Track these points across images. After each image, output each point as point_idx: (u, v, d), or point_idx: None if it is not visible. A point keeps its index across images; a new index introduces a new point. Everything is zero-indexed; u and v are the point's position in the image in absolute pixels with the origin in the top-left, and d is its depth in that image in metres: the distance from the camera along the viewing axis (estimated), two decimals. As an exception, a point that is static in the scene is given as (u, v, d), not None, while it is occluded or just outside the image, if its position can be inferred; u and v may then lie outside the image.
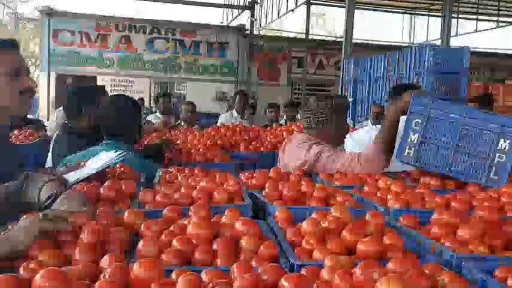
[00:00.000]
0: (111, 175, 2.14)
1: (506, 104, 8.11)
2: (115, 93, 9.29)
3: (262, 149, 3.68)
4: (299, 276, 1.04)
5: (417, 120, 2.26)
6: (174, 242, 1.27)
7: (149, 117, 5.85)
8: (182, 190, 1.81)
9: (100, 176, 2.05)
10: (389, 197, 1.91)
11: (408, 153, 2.31)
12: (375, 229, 1.47)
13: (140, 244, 1.23)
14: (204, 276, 1.07)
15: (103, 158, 2.09)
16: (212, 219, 1.52)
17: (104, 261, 1.11)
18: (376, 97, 7.18)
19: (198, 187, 1.84)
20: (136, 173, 2.30)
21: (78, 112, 3.01)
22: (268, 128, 4.44)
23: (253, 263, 1.23)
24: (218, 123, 5.19)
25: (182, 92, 16.49)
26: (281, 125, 5.05)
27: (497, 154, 2.11)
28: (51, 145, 3.23)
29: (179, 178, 2.05)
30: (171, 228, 1.40)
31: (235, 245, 1.35)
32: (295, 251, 1.34)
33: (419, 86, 4.98)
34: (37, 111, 13.27)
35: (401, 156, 2.35)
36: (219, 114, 7.94)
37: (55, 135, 3.24)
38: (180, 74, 15.43)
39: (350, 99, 7.91)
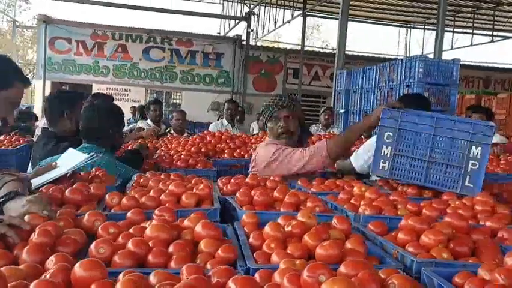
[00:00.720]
0: (84, 179, 2.11)
1: (498, 117, 8.13)
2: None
3: (246, 156, 3.65)
4: (246, 278, 1.02)
5: (388, 133, 2.25)
6: (129, 244, 1.24)
7: (141, 124, 5.81)
8: (151, 194, 1.79)
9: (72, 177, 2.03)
10: (361, 203, 1.89)
11: (382, 166, 2.29)
12: (339, 234, 1.44)
13: (92, 245, 1.20)
14: (152, 278, 1.04)
15: (73, 158, 2.06)
16: (175, 222, 1.50)
17: (50, 261, 1.08)
18: (368, 107, 7.19)
19: (167, 191, 1.81)
20: (111, 176, 2.28)
21: (60, 116, 2.99)
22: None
23: (209, 266, 1.21)
24: (208, 132, 5.15)
25: (178, 101, 16.50)
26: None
27: (470, 162, 2.09)
28: (32, 149, 3.20)
29: (150, 182, 2.03)
30: (130, 230, 1.38)
31: (194, 248, 1.33)
32: (255, 254, 1.31)
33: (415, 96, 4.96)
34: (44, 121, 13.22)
35: (376, 170, 2.33)
36: (213, 124, 7.92)
37: (36, 139, 3.22)
38: (176, 83, 15.46)
39: (342, 110, 7.92)
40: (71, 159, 2.12)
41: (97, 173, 2.26)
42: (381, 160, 2.30)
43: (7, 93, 1.77)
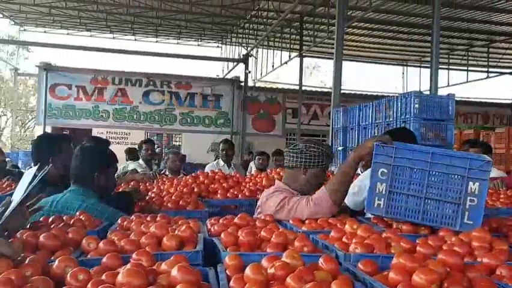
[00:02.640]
0: (64, 223, 2.03)
1: (496, 151, 8.07)
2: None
3: (240, 196, 3.57)
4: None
5: (382, 169, 2.17)
6: (97, 291, 1.16)
7: (132, 165, 5.74)
8: (132, 237, 1.71)
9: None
10: (353, 241, 1.81)
11: (377, 204, 2.20)
12: (326, 275, 1.35)
13: (56, 294, 1.12)
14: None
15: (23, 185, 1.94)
16: (153, 267, 1.41)
17: (6, 312, 1.00)
18: (366, 145, 7.12)
19: (147, 233, 1.73)
20: (95, 220, 2.20)
21: (45, 162, 2.94)
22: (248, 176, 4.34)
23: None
24: (204, 173, 5.08)
25: (178, 143, 16.54)
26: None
27: (469, 198, 2.01)
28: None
29: (132, 225, 1.95)
30: (103, 276, 1.30)
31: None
32: (234, 300, 1.22)
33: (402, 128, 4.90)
34: (31, 164, 13.23)
35: (370, 208, 2.22)
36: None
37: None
38: (175, 125, 15.55)
39: (341, 148, 7.88)
40: (21, 187, 1.98)
41: (80, 217, 2.18)
42: (376, 198, 2.21)
43: None
